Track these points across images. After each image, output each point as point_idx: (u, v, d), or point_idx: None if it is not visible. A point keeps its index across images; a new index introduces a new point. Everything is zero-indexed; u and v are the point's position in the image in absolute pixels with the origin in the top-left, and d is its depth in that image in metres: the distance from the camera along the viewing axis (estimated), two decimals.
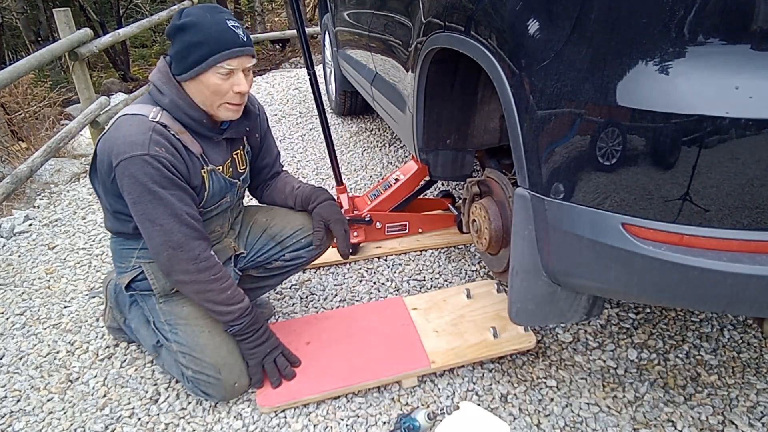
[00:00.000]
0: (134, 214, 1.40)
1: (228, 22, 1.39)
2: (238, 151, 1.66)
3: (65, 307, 2.13)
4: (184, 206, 1.41)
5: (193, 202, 1.47)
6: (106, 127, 1.48)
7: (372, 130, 3.85)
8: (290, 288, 2.15)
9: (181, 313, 1.58)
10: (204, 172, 1.51)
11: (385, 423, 1.53)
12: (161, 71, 1.45)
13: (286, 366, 1.60)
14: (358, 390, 1.62)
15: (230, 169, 1.62)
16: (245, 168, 1.70)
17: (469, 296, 1.92)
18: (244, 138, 1.67)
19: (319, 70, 5.20)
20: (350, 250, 1.91)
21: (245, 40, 1.41)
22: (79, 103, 4.34)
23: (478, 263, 2.24)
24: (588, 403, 1.55)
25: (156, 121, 1.40)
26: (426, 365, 1.63)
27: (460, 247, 2.36)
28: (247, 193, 1.83)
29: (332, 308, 2.02)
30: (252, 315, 1.54)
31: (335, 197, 2.36)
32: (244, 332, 1.53)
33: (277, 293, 2.12)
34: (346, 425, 1.53)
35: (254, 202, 1.93)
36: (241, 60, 1.40)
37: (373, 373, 1.63)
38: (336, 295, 2.10)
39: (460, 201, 1.96)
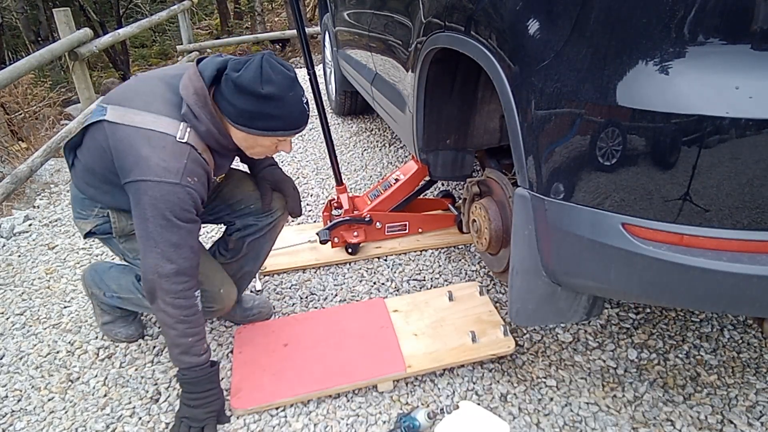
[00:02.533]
0: (137, 228, 1.38)
1: (303, 99, 1.42)
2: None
3: (65, 307, 2.13)
4: (189, 239, 1.40)
5: (198, 229, 1.46)
6: (120, 121, 1.38)
7: (372, 130, 3.85)
8: (290, 288, 2.15)
9: None
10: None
11: (385, 422, 1.53)
12: (198, 93, 1.37)
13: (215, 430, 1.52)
14: (334, 393, 1.61)
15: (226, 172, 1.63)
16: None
17: (451, 299, 1.91)
18: None
19: (319, 70, 5.20)
20: (302, 211, 1.87)
21: (309, 114, 1.45)
22: (79, 103, 4.35)
23: (478, 263, 2.24)
24: (587, 403, 1.55)
25: (187, 143, 1.37)
26: (401, 370, 1.63)
27: (460, 247, 2.37)
28: None
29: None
30: (200, 377, 1.46)
31: (335, 197, 2.38)
32: (182, 386, 1.49)
33: (277, 293, 2.12)
34: (347, 424, 1.53)
35: None
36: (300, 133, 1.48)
37: (348, 377, 1.62)
38: (336, 295, 2.10)
39: (460, 201, 1.97)
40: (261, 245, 1.82)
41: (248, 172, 1.82)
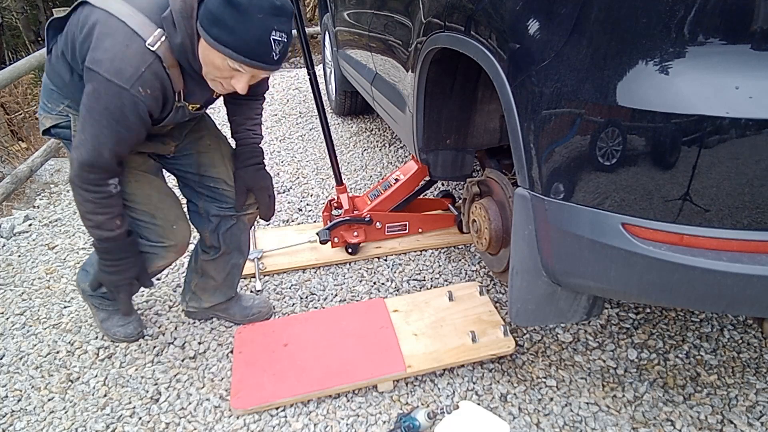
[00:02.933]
0: (80, 114, 1.36)
1: (274, 34, 1.26)
2: None
3: (65, 307, 2.13)
4: (119, 144, 1.38)
5: (137, 140, 1.43)
6: (99, 5, 1.32)
7: (372, 130, 3.85)
8: (290, 288, 2.15)
9: None
10: (175, 105, 1.45)
11: (385, 422, 1.53)
12: (186, 2, 1.27)
13: (129, 294, 1.64)
14: (334, 393, 1.61)
15: (202, 102, 1.55)
16: (217, 97, 1.60)
17: (451, 299, 1.91)
18: None
19: (319, 70, 5.20)
20: (273, 216, 1.83)
21: (276, 59, 1.30)
22: None
23: (478, 263, 2.24)
24: (587, 403, 1.55)
25: (155, 52, 1.30)
26: (401, 370, 1.63)
27: (460, 247, 2.37)
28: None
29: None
30: (112, 246, 1.51)
31: (335, 197, 2.38)
32: (98, 254, 1.54)
33: (277, 293, 2.12)
34: (347, 424, 1.53)
35: None
36: (255, 71, 1.32)
37: (348, 377, 1.62)
38: (336, 295, 2.10)
39: (460, 201, 1.97)
40: (237, 235, 1.79)
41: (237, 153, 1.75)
